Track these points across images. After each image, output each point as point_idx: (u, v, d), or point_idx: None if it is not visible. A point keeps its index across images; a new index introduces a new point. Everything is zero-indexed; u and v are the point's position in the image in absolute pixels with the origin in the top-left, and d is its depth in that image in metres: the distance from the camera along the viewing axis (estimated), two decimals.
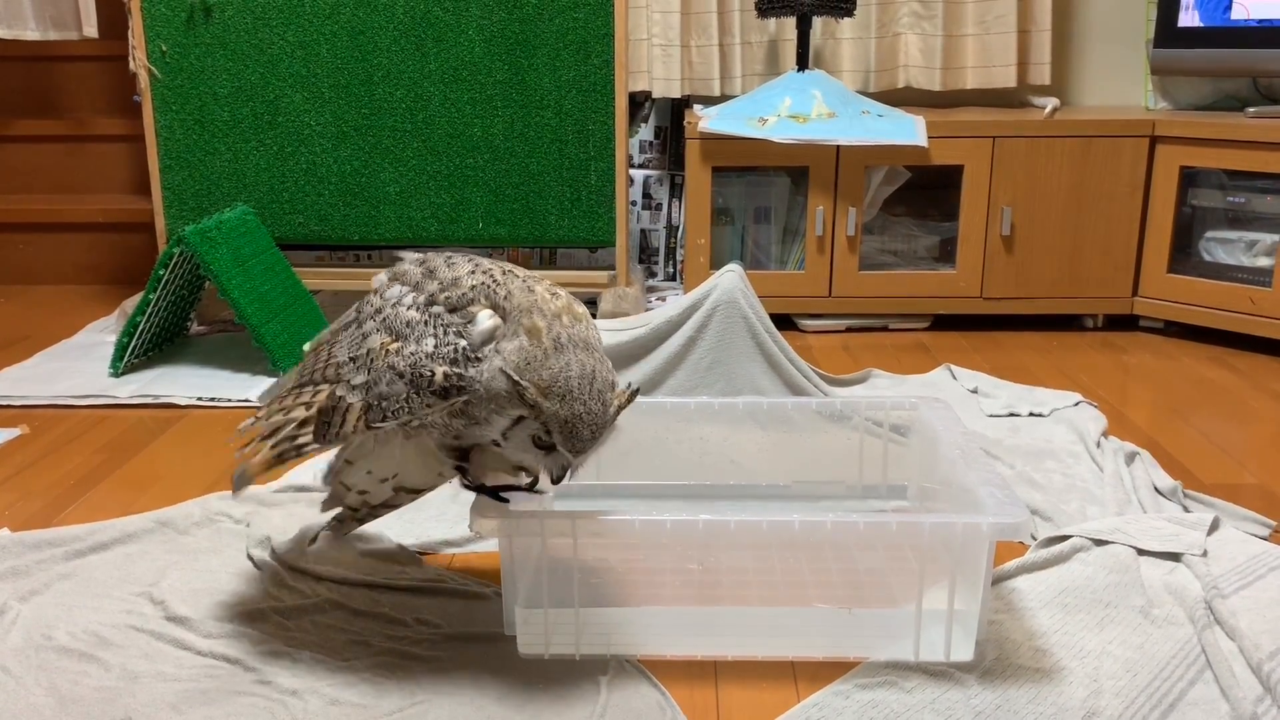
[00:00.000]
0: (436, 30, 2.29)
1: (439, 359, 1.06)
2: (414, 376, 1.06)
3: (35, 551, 1.36)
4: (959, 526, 1.07)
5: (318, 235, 2.41)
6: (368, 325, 1.13)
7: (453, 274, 1.11)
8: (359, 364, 1.11)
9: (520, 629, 1.14)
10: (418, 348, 1.07)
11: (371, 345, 1.10)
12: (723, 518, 1.08)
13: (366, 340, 1.12)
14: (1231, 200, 2.33)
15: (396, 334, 1.09)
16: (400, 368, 1.07)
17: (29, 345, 2.32)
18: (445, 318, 1.08)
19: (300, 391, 1.17)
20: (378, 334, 1.11)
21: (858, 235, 2.40)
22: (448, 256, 1.15)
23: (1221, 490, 1.55)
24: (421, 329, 1.08)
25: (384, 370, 1.08)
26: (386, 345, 1.09)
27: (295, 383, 1.19)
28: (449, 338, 1.07)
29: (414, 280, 1.13)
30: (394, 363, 1.08)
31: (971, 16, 2.63)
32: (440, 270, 1.12)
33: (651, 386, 1.81)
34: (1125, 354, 2.26)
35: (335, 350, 1.15)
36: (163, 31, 2.31)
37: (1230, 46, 2.39)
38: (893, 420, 1.43)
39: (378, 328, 1.11)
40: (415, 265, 1.15)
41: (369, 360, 1.10)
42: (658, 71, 2.70)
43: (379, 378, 1.09)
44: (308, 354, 1.22)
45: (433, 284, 1.10)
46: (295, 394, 1.18)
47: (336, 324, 1.21)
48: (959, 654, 1.12)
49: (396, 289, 1.13)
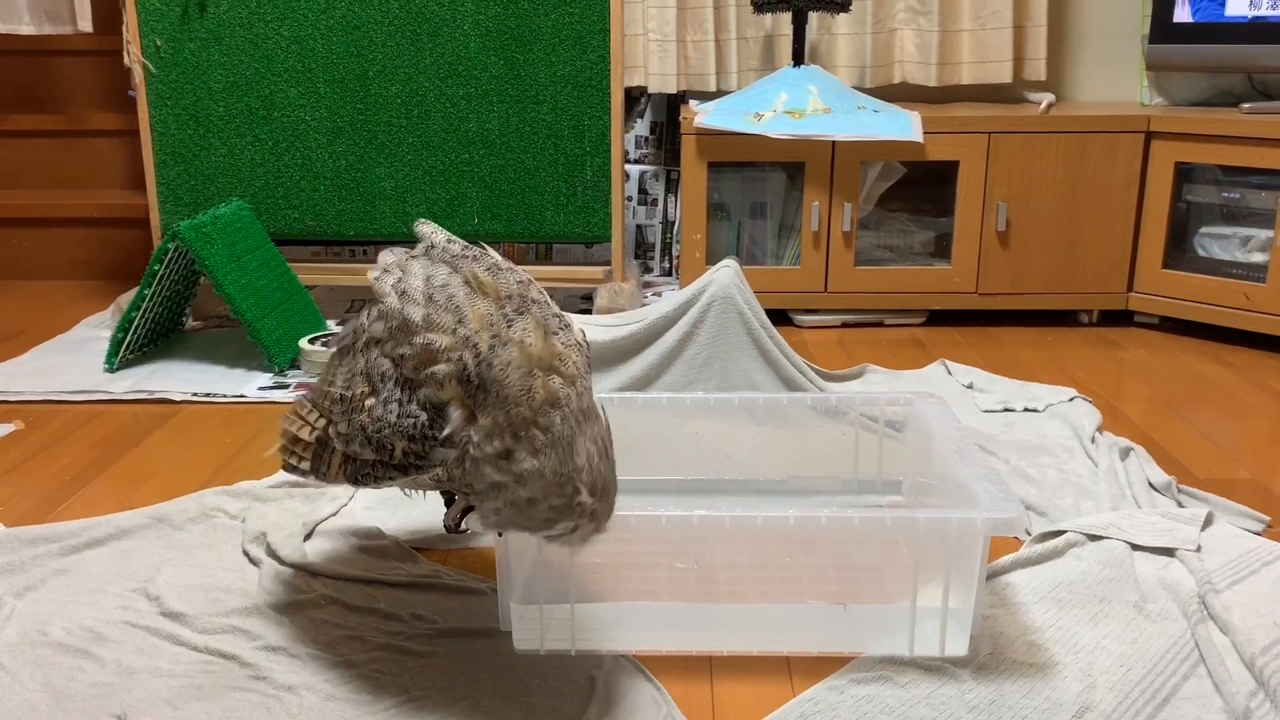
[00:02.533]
0: (432, 25, 2.29)
1: (399, 432, 0.97)
2: (378, 444, 1.00)
3: (30, 547, 1.36)
4: (954, 522, 1.07)
5: (313, 230, 2.41)
6: (359, 362, 1.04)
7: (427, 334, 0.96)
8: (345, 409, 1.04)
9: (516, 624, 1.14)
10: (384, 411, 0.99)
11: (355, 391, 1.03)
12: (718, 513, 1.08)
13: (354, 382, 1.03)
14: (1226, 196, 2.33)
15: (372, 386, 1.01)
16: (368, 430, 1.00)
17: (24, 340, 2.31)
18: (412, 382, 0.98)
19: (318, 402, 1.11)
20: (361, 378, 1.02)
21: (853, 231, 2.40)
22: (443, 282, 0.99)
23: (1216, 485, 1.55)
24: (390, 389, 0.99)
25: (356, 429, 1.02)
26: (362, 398, 1.01)
27: (324, 383, 1.10)
28: (411, 408, 0.97)
29: (394, 315, 1.01)
30: (363, 422, 1.00)
31: (967, 12, 2.63)
32: (413, 318, 0.98)
33: (647, 382, 1.81)
34: (1120, 349, 2.27)
35: (338, 375, 1.07)
36: (157, 26, 2.30)
37: (1225, 42, 2.39)
38: (888, 415, 1.43)
39: (364, 370, 1.02)
40: (395, 296, 1.01)
41: (349, 409, 1.03)
42: (653, 67, 2.69)
43: (354, 434, 1.02)
44: (328, 353, 1.18)
45: (401, 338, 0.99)
46: (314, 406, 1.12)
47: (354, 328, 1.09)
48: (954, 649, 1.12)
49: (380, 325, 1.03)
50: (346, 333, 1.10)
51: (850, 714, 1.04)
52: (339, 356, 1.10)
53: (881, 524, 1.10)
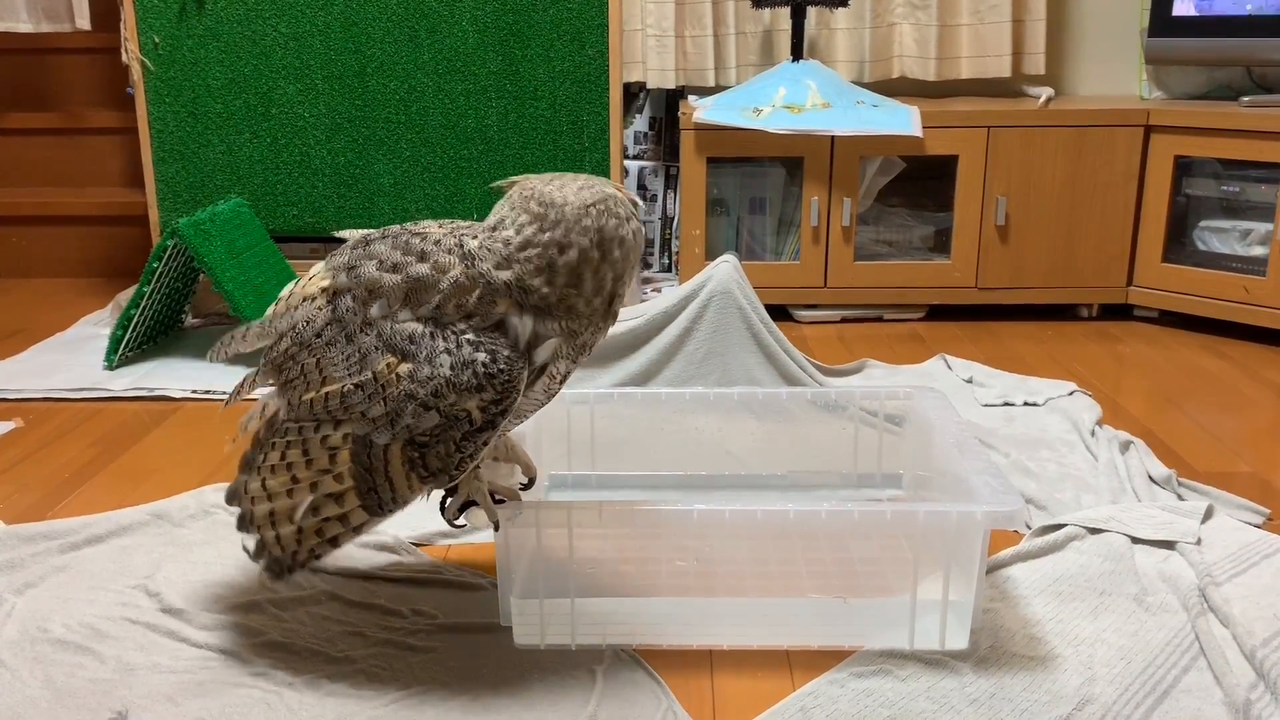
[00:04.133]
0: (430, 21, 2.29)
1: (460, 388, 0.95)
2: (441, 408, 0.96)
3: (30, 544, 1.36)
4: (954, 515, 1.07)
5: (311, 227, 2.40)
6: (353, 347, 0.99)
7: (446, 274, 0.98)
8: (369, 392, 0.98)
9: (516, 619, 1.14)
10: (433, 370, 0.96)
11: (377, 367, 0.98)
12: (718, 507, 1.08)
13: (365, 362, 0.98)
14: (1226, 189, 2.33)
15: (401, 352, 0.97)
16: (421, 395, 0.96)
17: (23, 338, 2.31)
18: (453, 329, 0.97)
19: (302, 442, 1.02)
20: (376, 354, 0.98)
21: (853, 225, 2.40)
22: (400, 241, 1.01)
23: (1215, 478, 1.55)
24: (429, 343, 0.97)
25: (402, 400, 0.96)
26: (392, 369, 0.97)
27: (285, 419, 1.03)
28: (464, 352, 0.96)
29: (393, 290, 0.99)
30: (409, 390, 0.96)
31: (966, 6, 2.63)
32: (421, 271, 0.99)
33: (647, 377, 1.81)
34: (1120, 343, 2.27)
35: (329, 370, 1.00)
36: (155, 23, 2.30)
37: (1224, 36, 2.39)
38: (888, 410, 1.43)
39: (374, 346, 0.98)
40: (375, 272, 1.00)
41: (376, 389, 0.97)
42: (652, 62, 2.69)
43: (400, 408, 0.97)
44: (272, 365, 1.07)
45: (425, 293, 0.98)
46: (298, 447, 1.02)
47: (298, 324, 1.03)
48: (954, 642, 1.12)
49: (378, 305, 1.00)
50: (277, 342, 1.05)
51: (850, 707, 1.04)
52: (274, 370, 1.06)
53: (882, 518, 1.10)
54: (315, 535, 1.05)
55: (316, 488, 1.03)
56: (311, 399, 1.01)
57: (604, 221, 0.98)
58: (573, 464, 1.45)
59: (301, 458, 1.03)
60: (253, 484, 1.08)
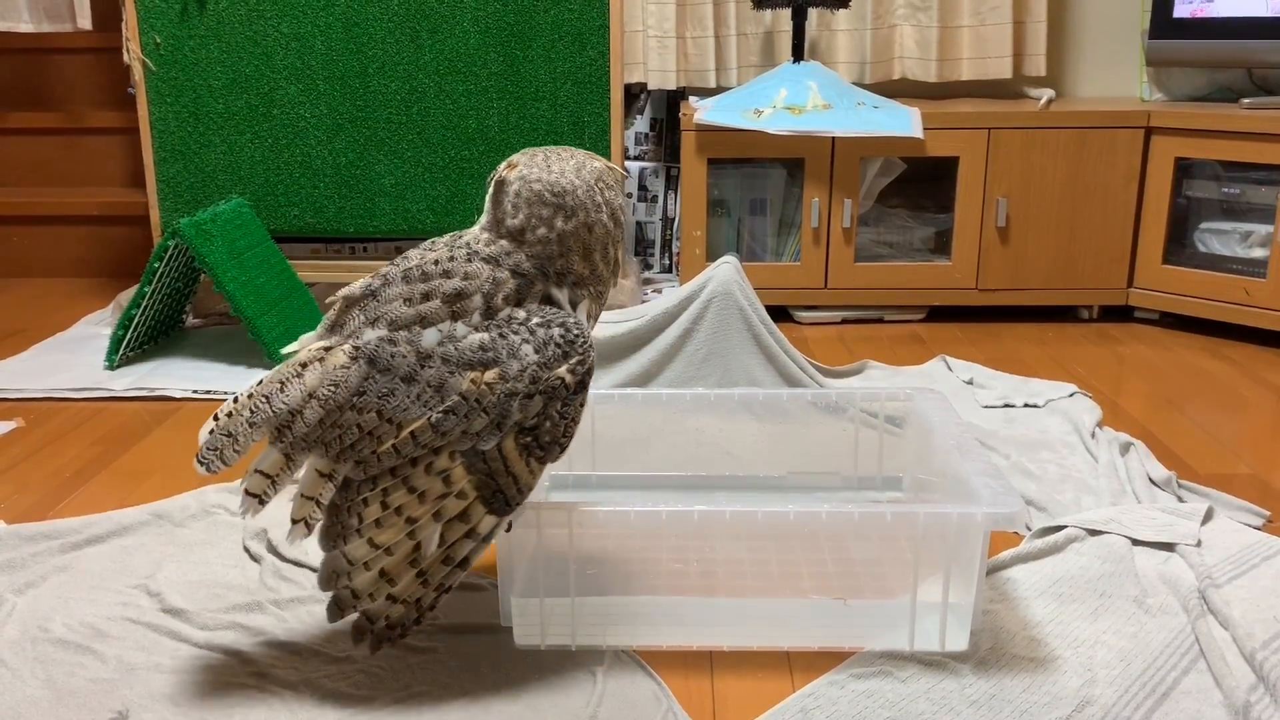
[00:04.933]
0: (431, 22, 2.29)
1: (552, 360, 1.01)
2: (554, 391, 1.01)
3: (31, 544, 1.36)
4: (954, 517, 1.07)
5: (313, 228, 2.41)
6: (428, 374, 1.00)
7: (485, 286, 1.03)
8: (465, 410, 0.99)
9: (516, 620, 1.14)
10: (521, 367, 1.00)
11: (464, 385, 0.99)
12: (718, 508, 1.08)
13: (447, 387, 0.99)
14: (1226, 191, 2.33)
15: (484, 362, 1.00)
16: (523, 387, 0.99)
17: (24, 338, 2.31)
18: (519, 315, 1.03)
19: (403, 482, 1.00)
20: (457, 375, 1.00)
21: (853, 227, 2.40)
22: (416, 274, 1.04)
23: (1216, 480, 1.55)
24: (508, 343, 1.01)
25: (501, 400, 0.99)
26: (480, 380, 0.99)
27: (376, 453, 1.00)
28: (539, 335, 1.01)
29: (437, 314, 1.02)
30: (510, 389, 0.99)
31: (967, 8, 2.63)
32: (468, 288, 1.02)
33: (647, 378, 1.81)
34: (1120, 345, 2.27)
35: (399, 415, 0.99)
36: (156, 23, 2.30)
37: (1225, 38, 2.39)
38: (888, 411, 1.43)
39: (450, 371, 1.00)
40: (403, 306, 1.02)
41: (473, 404, 0.99)
42: (653, 63, 2.69)
43: (505, 411, 0.99)
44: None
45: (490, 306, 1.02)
46: (400, 489, 1.00)
47: (318, 393, 0.99)
48: (954, 644, 1.12)
49: (432, 333, 1.01)
50: (291, 421, 1.01)
51: (850, 709, 1.04)
52: (310, 446, 1.01)
53: (882, 519, 1.11)
54: (443, 565, 1.04)
55: (440, 515, 1.02)
56: (394, 444, 1.00)
57: (609, 195, 1.10)
58: (573, 465, 1.46)
59: (410, 496, 1.01)
60: (357, 550, 1.03)
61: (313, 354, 1.03)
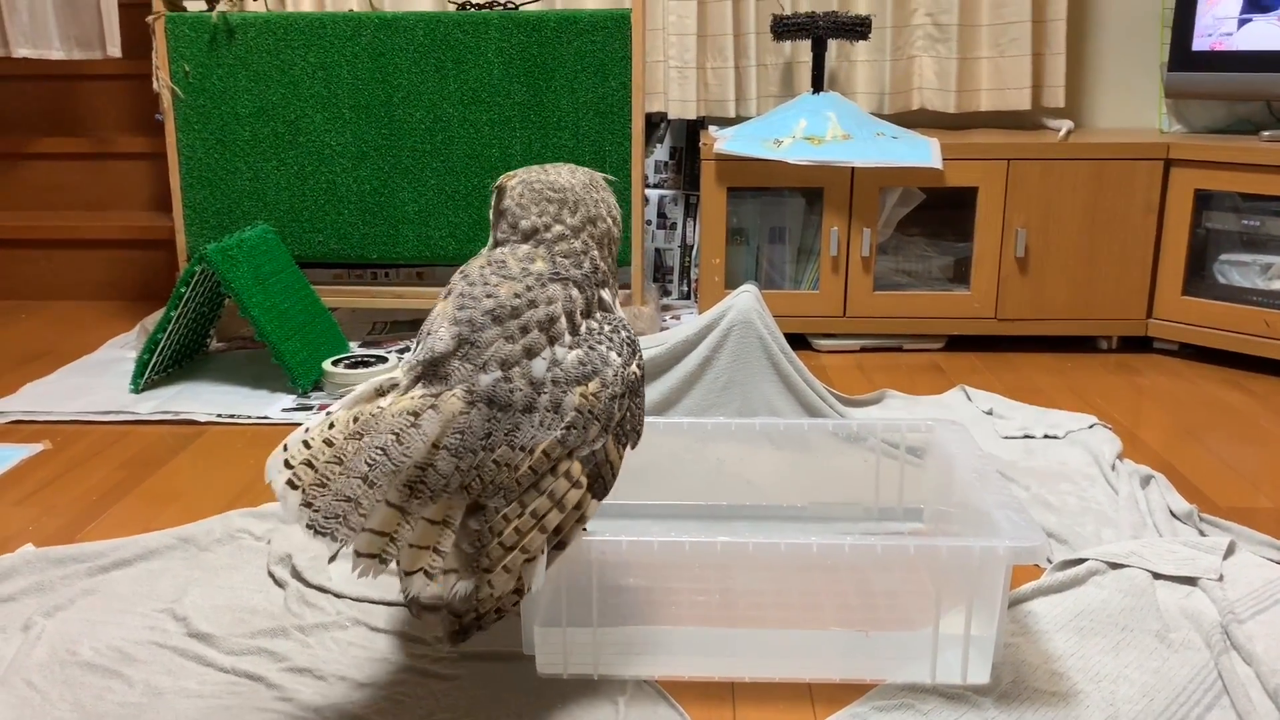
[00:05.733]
0: (456, 52, 2.32)
1: (632, 361, 1.11)
2: (634, 386, 1.11)
3: (59, 567, 1.37)
4: (976, 550, 1.08)
5: (337, 254, 2.43)
6: (544, 400, 1.04)
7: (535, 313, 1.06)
8: (580, 422, 1.05)
9: (539, 648, 1.15)
10: (613, 369, 1.08)
11: (602, 400, 1.06)
12: (740, 540, 1.09)
13: (562, 408, 1.04)
14: (1246, 223, 2.33)
15: (584, 378, 1.06)
16: (619, 389, 1.08)
17: (51, 360, 2.34)
18: (600, 325, 1.11)
19: (537, 493, 1.04)
20: (568, 394, 1.05)
21: (872, 256, 2.41)
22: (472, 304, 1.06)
23: (1237, 514, 1.55)
24: (600, 354, 1.08)
25: (607, 406, 1.07)
26: (586, 393, 1.06)
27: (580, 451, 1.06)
28: (616, 338, 1.11)
29: (539, 343, 1.06)
30: (613, 392, 1.07)
31: (986, 39, 2.65)
32: (533, 303, 1.07)
33: (667, 406, 1.82)
34: (1140, 376, 2.27)
35: (528, 441, 1.03)
36: (186, 52, 2.34)
37: (1244, 70, 2.40)
38: (909, 442, 1.44)
39: (561, 392, 1.05)
40: (505, 345, 1.05)
41: (594, 414, 1.06)
42: (674, 93, 2.72)
43: (609, 413, 1.07)
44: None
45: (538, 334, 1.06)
46: (536, 498, 1.04)
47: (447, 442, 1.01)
48: (975, 677, 1.12)
49: (539, 361, 1.05)
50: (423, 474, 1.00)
51: None
52: (456, 494, 1.02)
53: (904, 552, 1.11)
54: (556, 550, 1.07)
55: (563, 507, 1.06)
56: (530, 466, 1.03)
57: (605, 194, 1.18)
58: None
59: (548, 503, 1.05)
60: (498, 563, 1.03)
61: (420, 402, 1.02)
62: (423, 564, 1.01)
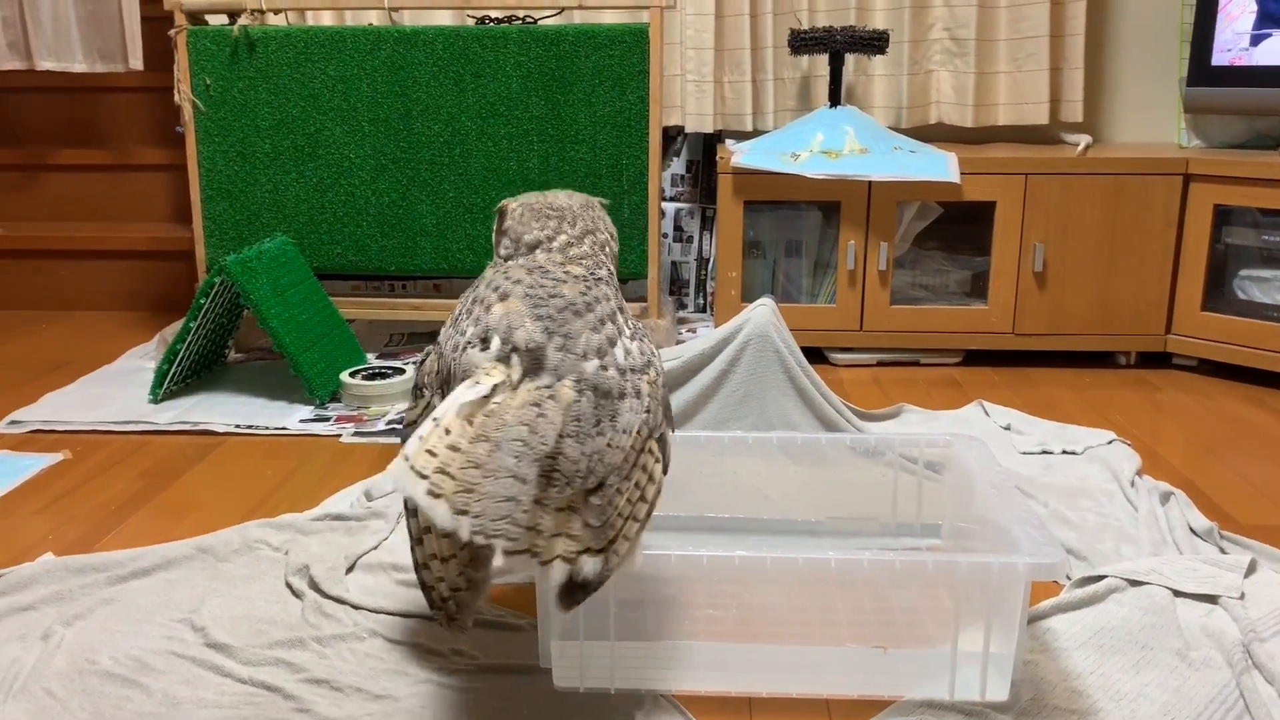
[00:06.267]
0: (475, 66, 2.33)
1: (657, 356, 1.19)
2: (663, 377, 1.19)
3: (79, 576, 1.38)
4: (995, 566, 1.07)
5: (355, 266, 2.44)
6: (629, 385, 1.09)
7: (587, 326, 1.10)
8: (654, 407, 1.12)
9: (556, 662, 1.15)
10: (657, 354, 1.18)
11: (644, 389, 1.11)
12: (759, 554, 1.09)
13: (641, 394, 1.10)
14: (1266, 239, 2.32)
15: (644, 367, 1.13)
16: (665, 372, 1.20)
17: (70, 370, 2.36)
18: (625, 323, 1.16)
19: (639, 471, 1.09)
20: (641, 380, 1.11)
21: (889, 269, 2.41)
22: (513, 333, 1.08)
23: (1258, 532, 1.54)
24: (648, 345, 1.17)
25: (664, 393, 1.16)
26: (650, 380, 1.14)
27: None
28: (642, 329, 1.19)
29: (592, 346, 1.08)
30: (663, 380, 1.17)
31: (1004, 54, 2.64)
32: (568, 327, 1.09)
33: (684, 419, 1.82)
34: (1158, 392, 2.25)
35: (626, 425, 1.07)
36: (207, 65, 2.36)
37: (1264, 85, 2.39)
38: (927, 457, 1.43)
39: (638, 379, 1.11)
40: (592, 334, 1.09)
41: (657, 399, 1.13)
42: (691, 107, 2.72)
43: (665, 398, 1.17)
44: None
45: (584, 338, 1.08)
46: (638, 474, 1.08)
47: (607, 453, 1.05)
48: (994, 694, 1.12)
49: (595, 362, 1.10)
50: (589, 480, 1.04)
51: None
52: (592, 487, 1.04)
53: (923, 568, 1.11)
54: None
55: (653, 479, 1.11)
56: (630, 444, 1.07)
57: (603, 214, 1.26)
58: None
59: (644, 476, 1.09)
60: (620, 543, 1.03)
61: (538, 394, 1.03)
62: (559, 551, 1.00)
